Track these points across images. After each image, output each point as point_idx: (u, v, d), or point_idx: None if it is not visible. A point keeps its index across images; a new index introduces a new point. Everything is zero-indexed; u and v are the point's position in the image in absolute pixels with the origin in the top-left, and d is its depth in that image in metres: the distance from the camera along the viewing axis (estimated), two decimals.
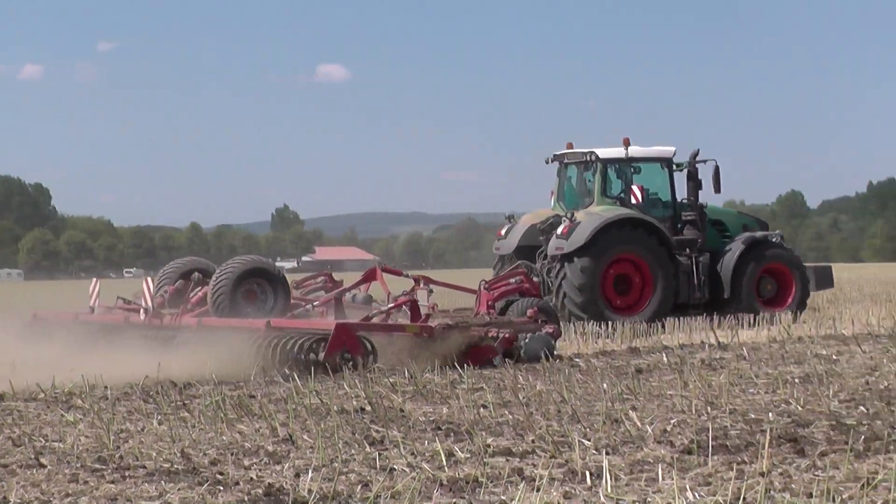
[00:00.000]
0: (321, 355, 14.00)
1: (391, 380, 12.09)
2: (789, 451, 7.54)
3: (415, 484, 6.69)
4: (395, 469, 7.22)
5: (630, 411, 9.11)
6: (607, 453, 7.49)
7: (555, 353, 15.34)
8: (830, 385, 10.64)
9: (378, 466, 7.33)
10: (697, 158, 24.19)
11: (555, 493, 6.45)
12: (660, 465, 7.09)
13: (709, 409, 9.33)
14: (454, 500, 6.48)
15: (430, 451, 7.75)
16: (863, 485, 6.34)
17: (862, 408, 9.22)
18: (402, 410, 9.76)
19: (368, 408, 9.91)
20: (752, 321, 20.14)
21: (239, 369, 13.61)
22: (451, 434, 8.53)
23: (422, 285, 17.75)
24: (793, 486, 6.46)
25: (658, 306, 22.58)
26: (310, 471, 7.15)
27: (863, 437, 7.89)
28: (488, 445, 7.89)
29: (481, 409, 9.69)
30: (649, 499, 6.28)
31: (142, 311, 17.76)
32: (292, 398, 10.65)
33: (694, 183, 24.19)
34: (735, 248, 23.89)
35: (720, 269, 23.79)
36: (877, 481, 6.38)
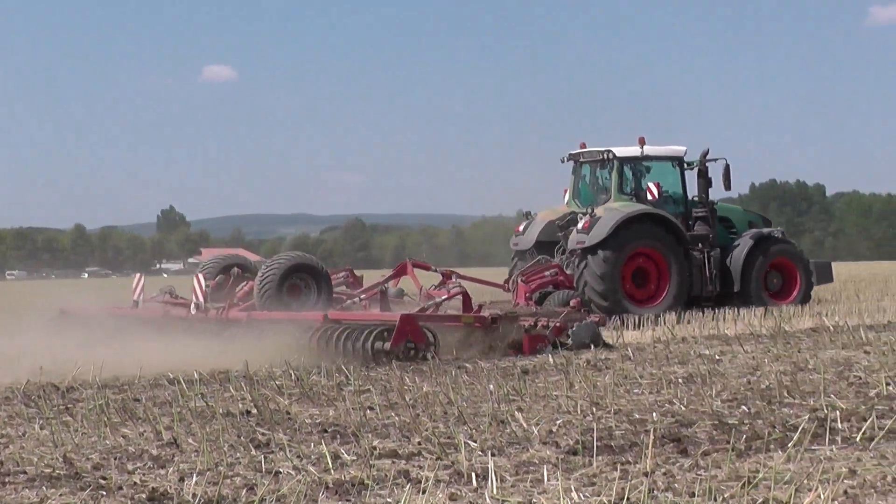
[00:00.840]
0: (386, 345, 14.67)
1: (277, 382, 12.01)
2: (673, 450, 7.63)
3: (300, 487, 6.67)
4: (280, 472, 7.19)
5: (516, 412, 9.15)
6: (493, 454, 7.53)
7: (601, 340, 15.95)
8: (713, 385, 10.79)
9: (263, 470, 7.29)
10: (707, 157, 25.28)
11: (440, 495, 6.46)
12: (545, 466, 7.13)
13: (594, 409, 9.40)
14: (340, 502, 6.46)
15: (315, 454, 7.72)
16: (744, 483, 6.44)
17: (744, 407, 9.36)
18: (288, 413, 9.71)
19: (254, 410, 9.85)
20: (651, 320, 20.45)
21: (298, 360, 13.96)
22: (338, 436, 8.51)
23: (454, 279, 18.69)
24: (675, 485, 6.54)
25: (674, 299, 23.57)
26: (194, 475, 7.09)
27: (744, 436, 8.02)
28: (374, 447, 7.88)
29: (368, 411, 9.68)
30: (534, 499, 6.31)
31: (193, 305, 18.38)
32: (177, 401, 10.54)
33: (704, 181, 25.36)
34: (744, 244, 25.13)
35: (730, 264, 25.02)
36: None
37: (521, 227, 25.49)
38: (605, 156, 24.86)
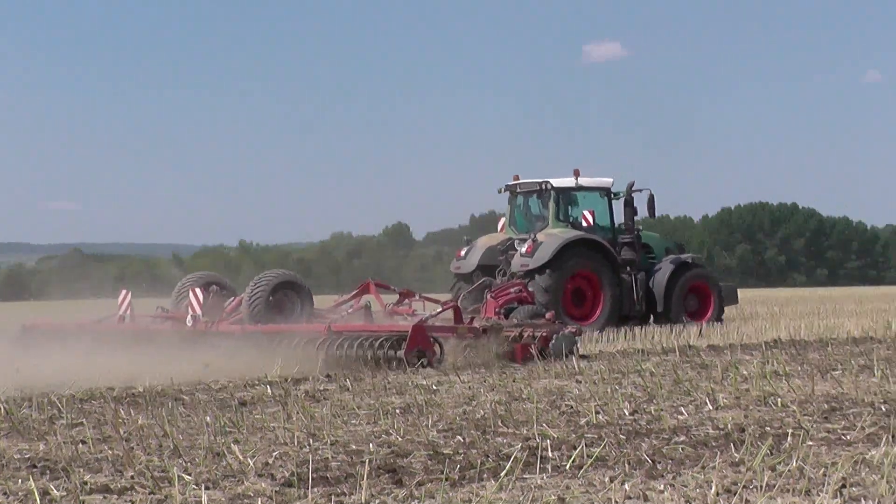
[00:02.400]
0: (399, 353, 16.21)
1: None
2: (388, 481, 7.67)
3: None
4: None
5: (232, 444, 9.06)
6: (207, 488, 7.42)
7: (578, 350, 17.67)
8: (430, 415, 10.89)
9: None
10: (633, 188, 27.75)
11: None
12: (260, 499, 7.08)
13: (311, 441, 9.38)
14: None
15: (23, 491, 7.46)
16: None
17: (459, 437, 9.48)
18: None
19: None
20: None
21: (304, 368, 15.63)
22: (48, 472, 8.24)
23: (418, 297, 21.31)
24: None
25: (607, 317, 26.15)
26: None
27: (458, 465, 8.12)
28: (86, 483, 7.67)
29: (80, 445, 9.41)
30: None
31: (189, 317, 19.75)
32: None
33: (630, 209, 27.83)
34: (665, 268, 27.72)
35: (653, 286, 27.51)
36: None
37: (462, 252, 27.59)
38: (543, 186, 27.18)
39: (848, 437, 9.19)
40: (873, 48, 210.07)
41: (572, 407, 11.37)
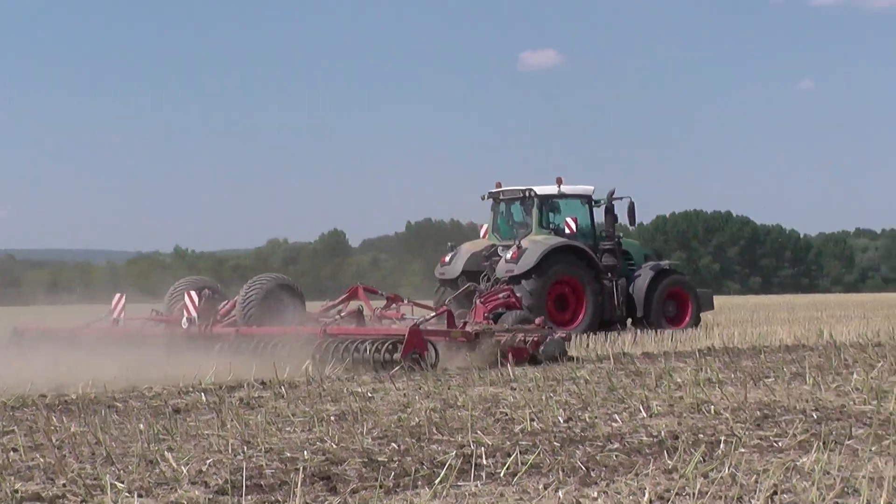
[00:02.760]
0: (397, 355, 16.80)
1: None
2: (322, 488, 7.66)
3: None
4: None
5: (166, 452, 9.00)
6: (140, 496, 7.38)
7: (567, 354, 18.37)
8: (365, 422, 10.88)
9: None
10: (614, 196, 28.58)
11: None
12: None
13: (245, 448, 9.34)
14: None
15: None
16: None
17: (393, 444, 9.48)
18: None
19: None
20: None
21: (299, 371, 16.10)
22: None
23: (406, 301, 22.15)
24: None
25: (589, 322, 26.96)
26: None
27: (393, 473, 8.12)
28: (17, 491, 7.60)
29: (11, 453, 9.32)
30: None
31: (185, 319, 20.18)
32: None
33: (611, 217, 28.74)
34: (645, 275, 28.56)
35: (633, 292, 28.33)
36: None
37: (447, 258, 28.31)
38: (527, 194, 27.99)
39: (780, 444, 9.27)
40: (807, 57, 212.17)
41: (507, 414, 11.40)
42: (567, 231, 28.08)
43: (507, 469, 8.17)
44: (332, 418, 11.33)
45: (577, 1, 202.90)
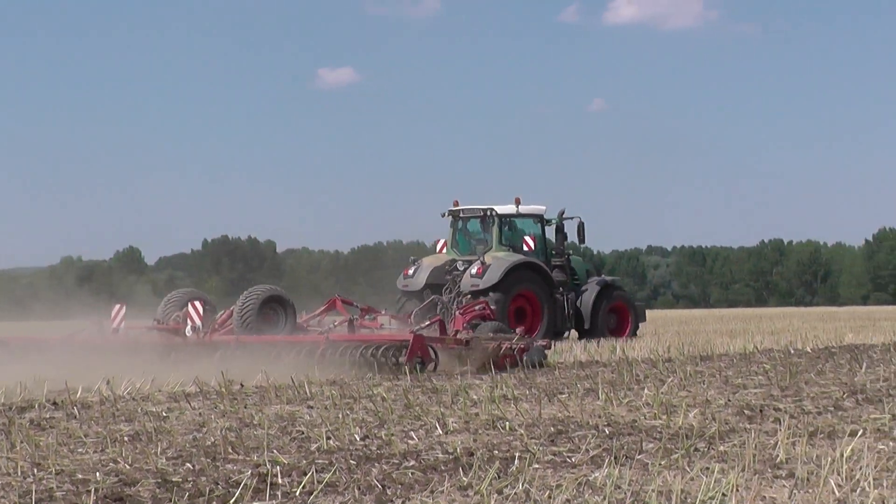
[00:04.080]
0: (402, 359, 18.15)
1: None
2: None
3: None
4: None
5: None
6: None
7: (546, 360, 20.03)
8: (159, 442, 10.73)
9: None
10: (564, 216, 31.43)
11: None
12: None
13: (35, 470, 9.12)
14: None
15: None
16: None
17: (188, 464, 9.36)
18: None
19: None
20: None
21: (303, 373, 16.86)
22: None
23: (384, 311, 24.89)
24: None
25: (544, 333, 28.85)
26: None
27: (187, 493, 8.03)
28: None
29: None
30: None
31: (189, 328, 21.37)
32: None
33: (562, 235, 31.51)
34: (591, 289, 31.53)
35: (580, 305, 31.21)
36: None
37: (410, 271, 30.09)
38: (488, 213, 30.32)
39: (573, 459, 9.44)
40: (598, 78, 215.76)
41: (303, 433, 11.37)
42: (525, 248, 30.56)
43: (302, 488, 8.14)
44: (126, 438, 11.14)
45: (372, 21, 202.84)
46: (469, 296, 28.29)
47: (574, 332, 32.77)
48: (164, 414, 13.50)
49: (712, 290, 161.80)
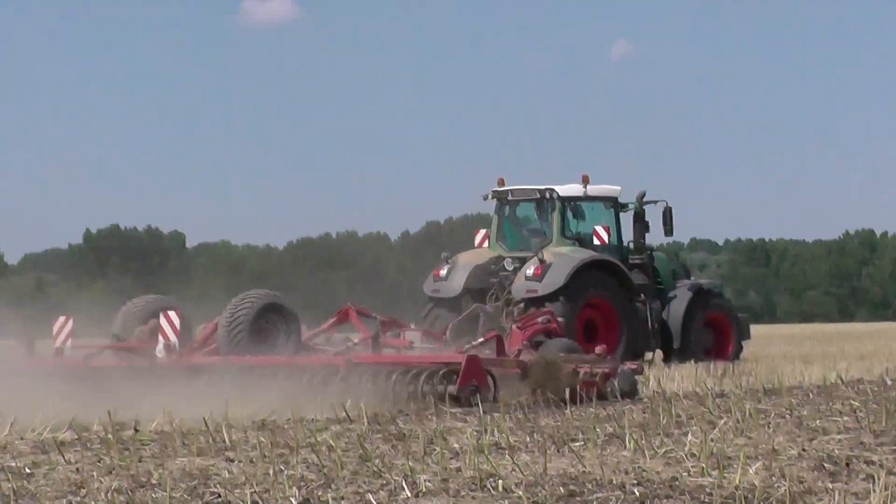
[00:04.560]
0: (451, 388, 18.61)
1: None
2: None
3: None
4: None
5: None
6: None
7: (638, 391, 20.37)
8: None
9: None
10: (645, 199, 30.74)
11: None
12: None
13: None
14: None
15: None
16: None
17: None
18: None
19: None
20: None
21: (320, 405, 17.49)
22: None
23: (412, 326, 24.90)
24: None
25: (622, 354, 27.72)
26: None
27: None
28: None
29: None
30: None
31: (161, 346, 21.19)
32: None
33: (641, 225, 31.04)
34: (682, 296, 30.97)
35: (667, 318, 30.46)
36: None
37: (441, 272, 30.05)
38: (547, 195, 29.80)
39: None
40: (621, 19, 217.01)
41: (220, 496, 11.30)
42: (596, 242, 30.16)
43: None
44: None
45: None
46: (522, 304, 28.02)
47: (659, 353, 32.03)
48: (28, 470, 13.39)
49: (779, 298, 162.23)
